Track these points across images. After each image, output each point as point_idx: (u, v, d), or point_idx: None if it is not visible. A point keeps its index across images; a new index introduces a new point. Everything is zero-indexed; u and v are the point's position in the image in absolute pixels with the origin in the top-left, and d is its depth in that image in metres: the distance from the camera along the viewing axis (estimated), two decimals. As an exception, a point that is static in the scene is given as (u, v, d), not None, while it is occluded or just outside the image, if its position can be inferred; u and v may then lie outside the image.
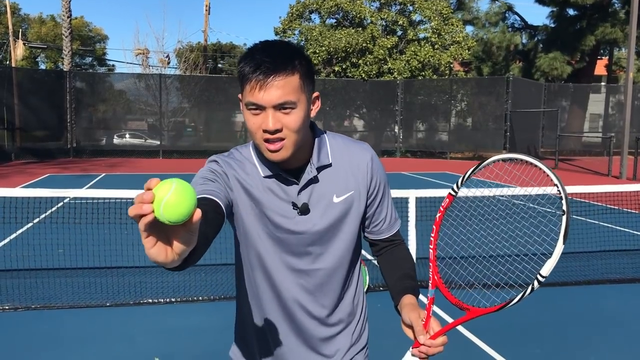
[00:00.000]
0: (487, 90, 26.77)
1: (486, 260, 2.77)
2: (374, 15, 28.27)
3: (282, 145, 1.46)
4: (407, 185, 15.27)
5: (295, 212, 1.57)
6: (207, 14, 35.96)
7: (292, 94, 1.43)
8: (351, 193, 1.62)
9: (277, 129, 1.44)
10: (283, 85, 1.42)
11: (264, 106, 1.43)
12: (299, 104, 1.46)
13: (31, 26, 41.05)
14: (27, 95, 23.35)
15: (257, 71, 1.41)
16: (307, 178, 1.57)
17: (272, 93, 1.41)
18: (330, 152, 1.62)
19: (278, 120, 1.44)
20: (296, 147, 1.50)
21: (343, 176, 1.61)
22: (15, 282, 5.83)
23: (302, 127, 1.48)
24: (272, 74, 1.41)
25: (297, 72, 1.45)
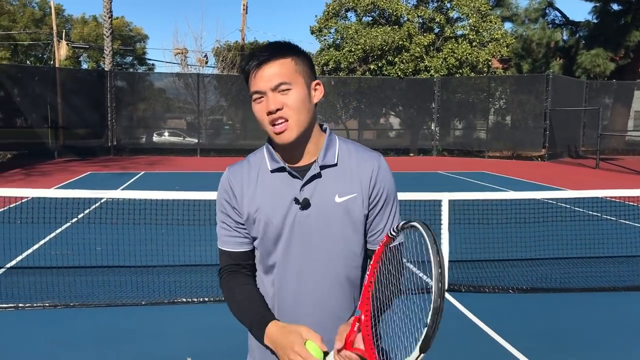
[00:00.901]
0: (526, 88, 26.27)
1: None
2: (410, 13, 28.03)
3: (286, 126, 1.59)
4: (442, 184, 15.13)
5: (296, 207, 1.64)
6: (245, 13, 36.23)
7: (287, 76, 1.58)
8: (354, 196, 1.66)
9: (278, 108, 1.57)
10: (278, 69, 1.58)
11: (263, 91, 1.58)
12: (295, 85, 1.59)
13: (74, 27, 42.06)
14: (69, 94, 23.96)
15: (253, 62, 1.60)
16: (311, 174, 1.64)
17: (267, 76, 1.57)
18: (338, 154, 1.69)
19: (278, 100, 1.58)
20: (301, 130, 1.61)
21: (348, 178, 1.67)
22: (55, 280, 6.00)
23: (303, 107, 1.60)
24: (266, 60, 1.58)
25: (290, 57, 1.61)
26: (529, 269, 6.70)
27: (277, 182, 1.66)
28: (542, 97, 24.36)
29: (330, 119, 28.40)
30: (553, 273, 6.52)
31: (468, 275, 6.37)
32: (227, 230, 1.73)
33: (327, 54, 28.39)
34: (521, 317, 5.18)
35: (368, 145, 11.90)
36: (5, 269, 6.41)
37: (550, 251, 7.05)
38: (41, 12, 40.32)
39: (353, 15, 30.12)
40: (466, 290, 5.84)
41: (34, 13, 39.96)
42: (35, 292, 5.58)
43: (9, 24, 38.19)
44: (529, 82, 26.49)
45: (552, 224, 7.71)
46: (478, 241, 7.02)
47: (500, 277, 6.32)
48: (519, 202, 7.87)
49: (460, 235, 6.99)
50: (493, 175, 18.04)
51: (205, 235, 7.06)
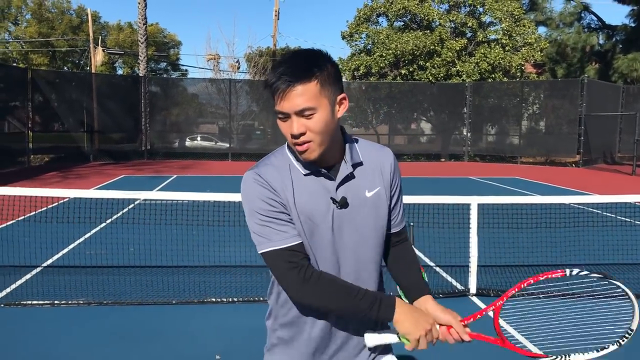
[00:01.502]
0: (560, 93, 25.88)
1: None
2: (442, 18, 27.91)
3: (308, 146, 1.64)
4: (473, 189, 15.00)
5: (334, 206, 1.72)
6: (277, 19, 36.54)
7: (311, 101, 1.60)
8: (378, 189, 1.79)
9: (301, 133, 1.62)
10: (302, 94, 1.59)
11: (288, 114, 1.62)
12: (320, 109, 1.61)
13: (110, 33, 42.92)
14: (105, 99, 24.49)
15: (278, 82, 1.60)
16: (344, 174, 1.73)
17: (293, 101, 1.59)
18: (360, 152, 1.80)
19: (302, 124, 1.62)
20: (324, 147, 1.66)
21: (371, 173, 1.79)
22: (90, 279, 6.16)
23: (326, 129, 1.64)
24: (291, 84, 1.59)
25: (315, 79, 1.60)
26: (560, 274, 6.60)
27: (313, 184, 1.72)
28: (576, 102, 23.96)
29: (361, 124, 28.41)
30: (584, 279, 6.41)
31: (497, 279, 6.32)
32: (284, 226, 1.68)
33: (358, 59, 28.43)
34: (549, 322, 5.12)
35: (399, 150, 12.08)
36: (42, 268, 6.60)
37: (580, 257, 6.94)
38: (78, 19, 41.26)
39: (384, 20, 30.15)
40: (495, 295, 5.79)
41: (71, 20, 40.93)
42: (71, 290, 5.74)
43: (48, 31, 39.21)
44: (563, 87, 26.09)
45: (582, 229, 7.59)
46: (507, 246, 6.96)
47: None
48: (548, 207, 7.78)
49: (489, 239, 6.93)
50: (525, 181, 17.80)
51: (234, 236, 7.16)
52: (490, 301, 5.59)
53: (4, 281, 5.96)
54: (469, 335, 1.78)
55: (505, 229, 7.08)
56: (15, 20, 40.15)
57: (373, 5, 29.43)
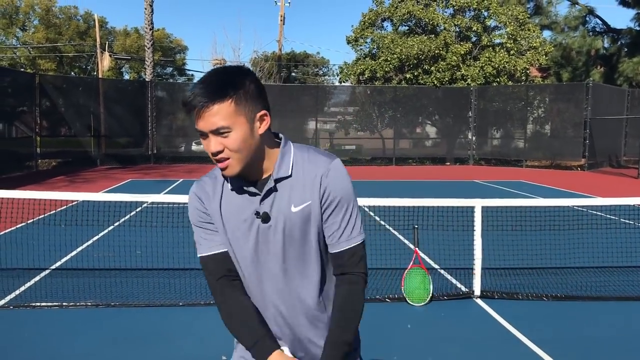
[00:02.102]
0: (565, 97, 25.86)
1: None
2: (447, 22, 27.95)
3: (227, 164, 1.66)
4: (478, 192, 15.01)
5: (258, 220, 1.73)
6: (282, 24, 36.67)
7: (225, 120, 1.62)
8: (308, 203, 1.72)
9: (219, 151, 1.65)
10: (216, 113, 1.61)
11: (205, 132, 1.64)
12: (236, 127, 1.63)
13: (117, 39, 43.15)
14: (111, 104, 24.63)
15: (193, 102, 1.62)
16: (267, 189, 1.72)
17: (207, 121, 1.62)
18: (292, 164, 1.74)
19: (219, 143, 1.64)
20: (245, 163, 1.67)
21: (301, 187, 1.73)
22: (97, 281, 6.23)
23: (245, 146, 1.65)
24: (205, 104, 1.61)
25: (229, 99, 1.61)
26: (563, 276, 6.64)
27: (238, 198, 1.75)
28: (582, 106, 23.94)
29: (366, 128, 28.45)
30: (588, 281, 6.45)
31: (501, 282, 6.36)
32: (210, 234, 1.80)
33: (363, 64, 28.51)
34: (555, 325, 5.16)
35: (404, 154, 12.11)
36: (51, 270, 6.68)
37: (585, 259, 6.97)
38: (85, 24, 41.51)
39: (389, 24, 30.22)
40: (499, 297, 5.83)
41: (78, 26, 41.19)
42: (79, 292, 5.81)
43: (55, 36, 39.47)
44: (569, 91, 26.07)
45: (586, 231, 7.62)
46: (511, 248, 6.99)
47: (533, 284, 6.29)
48: (552, 210, 7.80)
49: (493, 242, 6.97)
50: (531, 184, 17.80)
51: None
52: (495, 303, 5.64)
53: (13, 283, 6.04)
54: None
55: (510, 232, 7.12)
56: (23, 26, 40.44)
57: (378, 10, 29.51)
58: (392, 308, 5.54)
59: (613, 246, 7.26)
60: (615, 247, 7.24)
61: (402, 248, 7.63)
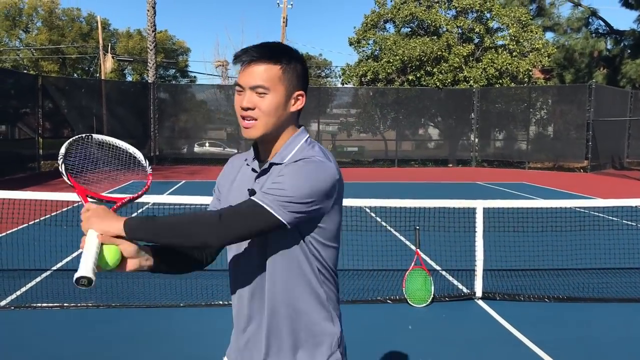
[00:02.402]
0: (568, 99, 25.85)
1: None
2: (449, 24, 27.96)
3: (253, 124, 1.69)
4: (480, 194, 14.99)
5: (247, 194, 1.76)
6: (285, 25, 36.72)
7: (268, 81, 1.66)
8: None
9: (249, 107, 1.68)
10: (262, 71, 1.66)
11: (243, 87, 1.69)
12: (273, 92, 1.67)
13: (119, 40, 43.23)
14: (114, 105, 24.69)
15: (242, 56, 1.69)
16: (262, 169, 1.76)
17: (250, 76, 1.67)
18: (292, 154, 1.72)
19: (252, 101, 1.68)
20: (267, 131, 1.70)
21: (278, 175, 1.68)
22: (98, 282, 6.14)
23: (274, 113, 1.69)
24: (254, 59, 1.67)
25: (279, 65, 1.68)
26: (565, 278, 6.62)
27: (245, 172, 1.83)
28: (584, 108, 23.92)
29: (369, 130, 28.46)
30: (590, 282, 6.43)
31: (503, 283, 6.35)
32: (214, 200, 1.96)
33: (365, 65, 28.53)
34: (557, 326, 5.15)
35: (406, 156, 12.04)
36: (52, 271, 6.69)
37: (587, 260, 6.95)
38: (88, 26, 41.60)
39: (391, 26, 30.25)
40: (501, 299, 5.82)
41: (81, 27, 41.28)
42: (80, 293, 5.80)
43: (58, 38, 39.57)
44: (571, 93, 26.05)
45: (588, 232, 7.60)
46: (513, 249, 6.98)
47: (535, 286, 6.27)
48: (554, 211, 7.79)
49: (495, 243, 6.96)
50: (533, 186, 17.78)
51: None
52: (496, 305, 5.63)
53: (14, 284, 6.04)
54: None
55: (511, 233, 7.10)
56: (26, 27, 40.55)
57: (380, 11, 29.53)
58: (394, 309, 5.53)
59: (615, 248, 7.24)
60: (618, 249, 7.22)
61: (404, 249, 7.62)
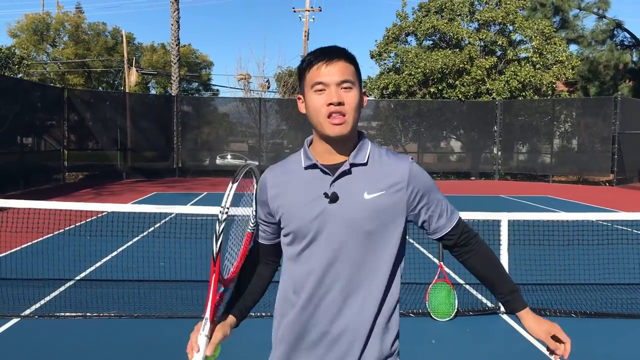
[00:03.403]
0: (593, 111, 25.49)
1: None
2: (472, 36, 27.85)
3: (343, 120, 1.70)
4: (503, 207, 14.80)
5: (326, 200, 1.71)
6: (306, 39, 36.93)
7: (351, 76, 1.72)
8: (381, 193, 1.73)
9: (341, 102, 1.68)
10: (344, 67, 1.72)
11: (328, 83, 1.69)
12: (355, 87, 1.73)
13: (143, 54, 43.80)
14: (138, 118, 24.97)
15: (322, 55, 1.72)
16: (341, 170, 1.73)
17: (334, 71, 1.70)
18: (368, 154, 1.77)
19: (340, 95, 1.70)
20: (353, 126, 1.72)
21: (376, 177, 1.74)
22: (121, 292, 6.26)
23: (357, 109, 1.73)
24: (335, 57, 1.71)
25: (353, 64, 1.75)
26: (592, 293, 6.48)
27: (309, 178, 1.76)
28: (610, 120, 23.58)
29: (390, 142, 28.37)
30: (618, 298, 6.28)
31: (528, 297, 6.22)
32: (264, 225, 1.90)
33: (386, 78, 28.51)
34: (584, 342, 5.02)
35: (428, 168, 11.95)
36: (75, 281, 6.73)
37: (614, 275, 6.79)
38: (113, 40, 42.28)
39: (413, 39, 30.22)
40: (526, 313, 5.70)
41: (106, 42, 41.95)
42: (102, 303, 5.84)
43: (84, 52, 40.25)
44: (596, 105, 25.70)
45: (616, 246, 7.44)
46: (538, 263, 6.86)
47: (561, 300, 6.15)
48: (580, 224, 7.64)
49: (520, 256, 6.85)
50: (557, 199, 17.53)
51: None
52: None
53: (38, 293, 6.10)
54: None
55: (537, 246, 6.98)
56: (54, 42, 41.32)
57: (402, 24, 29.54)
58: (417, 323, 5.46)
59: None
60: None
61: (427, 262, 7.53)
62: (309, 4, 37.15)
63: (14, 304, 5.69)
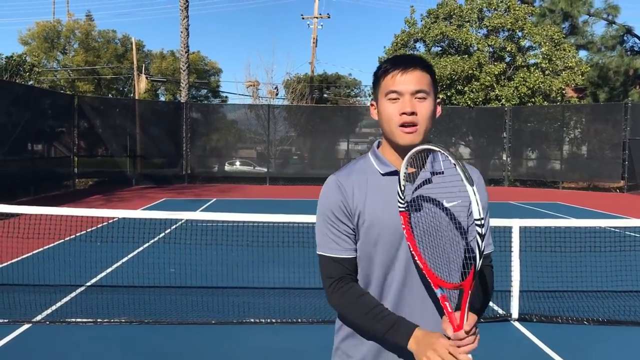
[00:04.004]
0: (603, 117, 25.35)
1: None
2: (480, 42, 27.80)
3: (415, 129, 1.70)
4: (513, 214, 14.73)
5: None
6: (315, 46, 37.04)
7: (426, 86, 1.72)
8: (459, 202, 1.75)
9: (414, 112, 1.68)
10: (420, 77, 1.71)
11: (402, 92, 1.70)
12: (429, 97, 1.73)
13: (153, 61, 44.04)
14: (147, 125, 25.07)
15: (398, 64, 1.72)
16: (423, 179, 1.76)
17: (409, 80, 1.70)
18: (442, 163, 1.79)
19: (414, 105, 1.70)
20: (425, 136, 1.72)
21: (452, 185, 1.72)
22: (132, 298, 6.26)
23: (430, 119, 1.73)
24: (412, 66, 1.71)
25: (430, 74, 1.75)
26: (605, 300, 6.43)
27: (388, 185, 1.74)
28: (620, 127, 23.44)
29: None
30: (631, 305, 6.23)
31: (540, 304, 6.19)
32: (340, 236, 1.75)
33: (395, 84, 28.46)
34: (596, 350, 4.98)
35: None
36: (86, 287, 6.75)
37: (627, 282, 6.73)
38: (123, 48, 42.54)
39: (422, 45, 30.20)
40: (538, 320, 5.67)
41: (116, 49, 42.22)
42: (113, 309, 5.85)
43: (94, 59, 40.52)
44: (606, 111, 25.56)
45: (628, 253, 7.38)
46: (550, 270, 6.81)
47: (574, 308, 6.10)
48: (591, 231, 7.59)
49: (531, 263, 6.80)
50: (567, 206, 17.43)
51: (273, 257, 7.20)
52: (533, 326, 5.48)
53: (49, 299, 6.12)
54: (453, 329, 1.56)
55: (548, 253, 6.93)
56: (64, 49, 41.65)
57: (410, 31, 29.55)
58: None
59: None
60: None
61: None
62: (317, 10, 37.29)
63: (26, 310, 5.71)
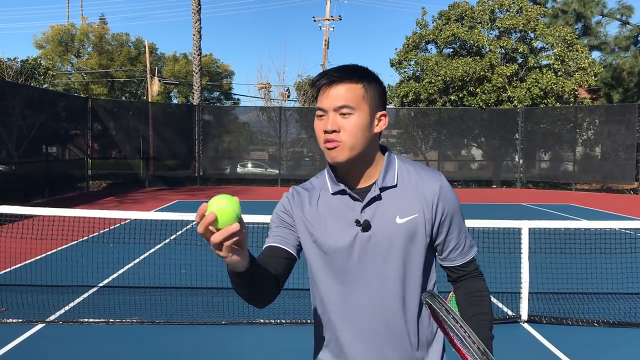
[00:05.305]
0: (616, 118, 25.16)
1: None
2: (492, 44, 27.71)
3: (337, 145, 1.60)
4: (526, 216, 14.67)
5: (357, 228, 1.64)
6: (326, 48, 37.06)
7: (352, 100, 1.60)
8: (415, 216, 1.64)
9: (334, 130, 1.59)
10: (344, 92, 1.60)
11: (326, 109, 1.62)
12: (358, 111, 1.61)
13: (166, 64, 44.29)
14: (160, 127, 25.27)
15: (322, 79, 1.63)
16: (371, 196, 1.64)
17: (332, 96, 1.61)
18: (397, 175, 1.69)
19: (336, 123, 1.60)
20: (354, 154, 1.61)
21: (408, 198, 1.66)
22: (143, 298, 6.34)
23: (360, 134, 1.61)
24: (336, 81, 1.61)
25: (361, 84, 1.62)
26: (616, 302, 6.40)
27: (338, 204, 1.67)
28: (634, 128, 23.27)
29: (410, 150, 28.31)
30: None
31: (549, 306, 6.18)
32: (280, 229, 1.73)
33: (406, 86, 28.48)
34: (607, 352, 4.97)
35: (449, 176, 11.81)
36: (98, 287, 6.84)
37: (638, 284, 6.71)
38: (136, 51, 42.82)
39: (433, 47, 30.16)
40: (547, 322, 5.66)
41: (129, 52, 42.52)
42: (125, 309, 5.92)
43: (108, 62, 40.86)
44: (620, 112, 25.37)
45: (639, 255, 7.34)
46: (560, 271, 6.79)
47: (584, 309, 6.08)
48: (602, 232, 7.56)
49: (541, 265, 6.80)
50: (580, 207, 17.32)
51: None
52: (543, 328, 5.48)
53: (63, 299, 6.21)
54: None
55: (558, 255, 6.92)
56: (78, 52, 42.02)
57: (422, 33, 29.51)
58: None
59: None
60: None
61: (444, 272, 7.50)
62: (329, 13, 37.34)
63: (39, 310, 5.80)
